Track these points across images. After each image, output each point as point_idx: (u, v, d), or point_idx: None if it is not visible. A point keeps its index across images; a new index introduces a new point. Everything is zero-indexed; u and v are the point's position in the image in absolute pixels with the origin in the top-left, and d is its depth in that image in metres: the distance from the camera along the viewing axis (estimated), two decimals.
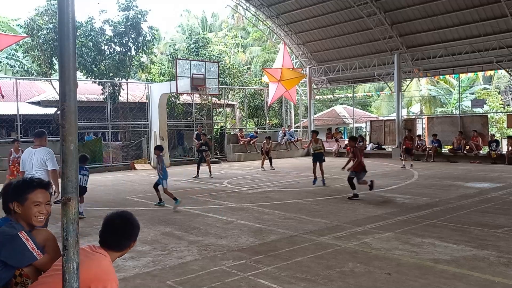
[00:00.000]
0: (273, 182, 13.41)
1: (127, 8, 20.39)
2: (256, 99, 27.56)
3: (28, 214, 2.75)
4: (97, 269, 2.51)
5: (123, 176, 15.97)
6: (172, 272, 5.21)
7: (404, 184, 12.26)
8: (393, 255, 5.66)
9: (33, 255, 2.64)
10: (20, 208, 2.74)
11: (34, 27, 19.15)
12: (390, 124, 22.58)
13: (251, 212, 8.71)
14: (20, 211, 2.74)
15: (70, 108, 2.09)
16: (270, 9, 23.41)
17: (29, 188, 2.79)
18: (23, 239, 2.63)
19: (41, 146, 6.52)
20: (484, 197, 9.87)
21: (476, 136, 18.91)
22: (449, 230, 6.89)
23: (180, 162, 20.08)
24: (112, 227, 2.70)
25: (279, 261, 5.48)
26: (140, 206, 9.62)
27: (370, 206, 9.11)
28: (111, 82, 20.38)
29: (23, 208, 2.74)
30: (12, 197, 2.76)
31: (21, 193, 2.77)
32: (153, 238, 6.83)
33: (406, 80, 22.69)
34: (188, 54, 26.13)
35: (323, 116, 32.96)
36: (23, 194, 2.76)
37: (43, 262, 2.69)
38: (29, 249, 2.63)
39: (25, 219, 2.78)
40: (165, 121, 19.50)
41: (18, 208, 2.74)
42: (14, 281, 2.66)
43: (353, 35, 22.55)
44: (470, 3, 18.21)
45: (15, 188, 2.81)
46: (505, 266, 5.17)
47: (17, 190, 2.79)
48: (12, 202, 2.74)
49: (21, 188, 2.80)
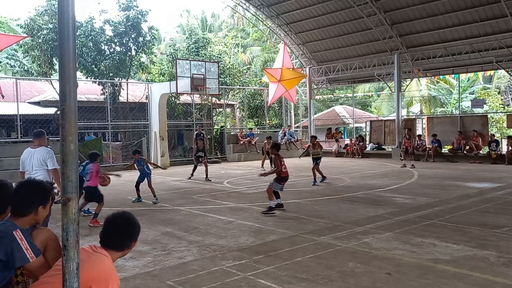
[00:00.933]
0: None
1: (128, 8, 20.39)
2: (256, 99, 27.56)
3: (44, 215, 2.84)
4: (98, 269, 2.52)
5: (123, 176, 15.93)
6: (172, 272, 5.21)
7: (404, 184, 12.25)
8: (393, 255, 5.66)
9: (26, 257, 2.61)
10: (42, 211, 2.78)
11: (34, 27, 19.14)
12: (390, 124, 22.58)
13: (251, 212, 8.71)
14: (41, 214, 2.78)
15: (70, 108, 2.09)
16: (270, 9, 23.41)
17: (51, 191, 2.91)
18: (17, 238, 2.61)
19: (40, 146, 6.52)
20: (484, 197, 9.87)
21: (476, 136, 18.91)
22: (449, 230, 6.89)
23: (180, 162, 20.07)
24: (112, 227, 2.71)
25: (279, 261, 5.48)
26: (140, 206, 9.62)
27: (370, 206, 9.11)
28: (111, 82, 20.38)
29: (44, 210, 2.80)
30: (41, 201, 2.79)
31: (47, 196, 2.84)
32: (153, 238, 6.83)
33: (406, 80, 22.69)
34: (188, 54, 26.13)
35: (323, 116, 32.96)
36: (49, 197, 2.84)
37: (33, 266, 2.64)
38: (22, 249, 2.60)
39: (37, 220, 2.81)
40: (165, 121, 19.50)
41: (41, 211, 2.78)
42: (16, 280, 2.66)
43: (353, 35, 22.55)
44: (470, 3, 18.21)
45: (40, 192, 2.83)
46: (505, 266, 5.17)
47: (44, 194, 2.82)
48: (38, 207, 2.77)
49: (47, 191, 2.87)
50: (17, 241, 2.60)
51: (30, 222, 2.80)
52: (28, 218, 2.75)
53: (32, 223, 2.83)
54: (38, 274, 2.62)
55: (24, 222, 2.75)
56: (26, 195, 2.78)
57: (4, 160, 14.62)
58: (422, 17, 19.82)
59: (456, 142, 19.43)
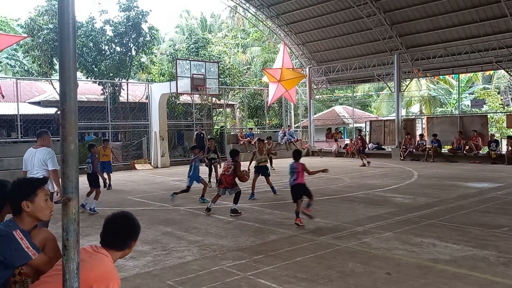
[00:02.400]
0: (273, 182, 13.39)
1: (128, 9, 20.40)
2: (256, 99, 27.56)
3: (39, 209, 2.79)
4: (99, 269, 2.52)
5: (124, 176, 15.97)
6: (172, 271, 5.21)
7: (404, 184, 12.26)
8: (393, 255, 5.66)
9: (28, 254, 2.63)
10: (30, 206, 2.76)
11: (35, 27, 19.15)
12: (390, 124, 22.58)
13: (251, 212, 8.72)
14: (30, 209, 2.76)
15: (70, 108, 2.09)
16: (270, 9, 23.40)
17: (36, 185, 2.84)
18: (17, 238, 2.63)
19: (42, 146, 6.55)
20: (484, 197, 9.87)
21: (476, 136, 18.91)
22: (449, 230, 6.89)
23: (180, 162, 20.08)
24: (112, 227, 2.72)
25: (279, 261, 5.49)
26: (140, 206, 9.63)
27: (370, 206, 9.11)
28: (112, 82, 20.39)
29: (33, 205, 2.77)
30: (22, 197, 2.76)
31: (30, 191, 2.79)
32: (153, 238, 6.83)
33: (406, 80, 22.69)
34: (188, 54, 26.14)
35: (323, 116, 32.98)
36: (32, 192, 2.80)
37: (38, 262, 2.68)
38: (23, 248, 2.62)
39: (35, 216, 2.80)
40: (165, 121, 19.50)
41: (28, 207, 2.76)
42: (13, 279, 2.66)
43: (353, 35, 22.55)
44: (470, 3, 18.20)
45: (21, 188, 2.82)
46: (505, 266, 5.17)
47: (25, 189, 2.81)
48: (22, 202, 2.76)
49: (28, 186, 2.83)
50: (17, 240, 2.62)
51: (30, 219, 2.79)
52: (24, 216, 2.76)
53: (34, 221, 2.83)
54: (45, 269, 2.63)
55: (25, 221, 2.76)
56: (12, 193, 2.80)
57: (4, 160, 14.62)
58: (422, 17, 19.82)
59: (456, 142, 19.43)
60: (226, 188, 8.61)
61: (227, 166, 8.67)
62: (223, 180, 8.64)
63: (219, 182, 9.00)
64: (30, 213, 2.76)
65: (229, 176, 8.54)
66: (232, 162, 8.63)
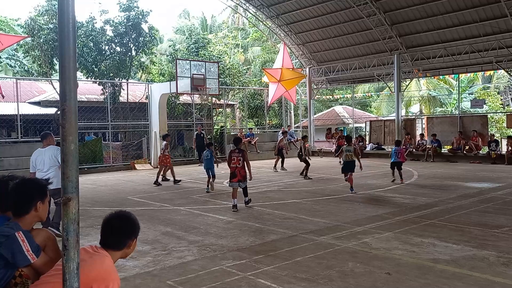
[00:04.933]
0: (273, 182, 13.42)
1: (128, 9, 20.40)
2: (256, 99, 27.55)
3: (45, 210, 2.87)
4: (99, 269, 2.52)
5: (124, 176, 15.98)
6: (172, 272, 5.21)
7: (404, 184, 12.26)
8: (392, 255, 5.66)
9: (27, 258, 2.63)
10: (41, 207, 2.80)
11: (35, 27, 19.14)
12: (389, 124, 22.59)
13: (251, 212, 8.72)
14: (40, 210, 2.80)
15: (70, 108, 2.09)
16: (270, 9, 23.40)
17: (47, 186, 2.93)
18: (19, 240, 2.63)
19: (48, 145, 7.15)
20: (484, 197, 9.87)
21: (476, 136, 18.91)
22: (449, 230, 6.89)
23: (180, 162, 20.08)
24: (110, 226, 2.72)
25: (279, 261, 5.49)
26: (140, 206, 9.63)
27: (370, 206, 9.11)
28: (112, 82, 20.38)
29: (43, 206, 2.82)
30: (38, 197, 2.82)
31: (44, 192, 2.87)
32: (153, 238, 6.83)
33: (406, 80, 22.69)
34: (188, 54, 26.15)
35: (323, 116, 32.97)
36: (45, 193, 2.87)
37: (39, 263, 2.68)
38: (23, 251, 2.62)
39: (40, 217, 2.84)
40: (165, 121, 19.49)
41: (39, 207, 2.80)
42: (14, 281, 2.66)
43: (353, 35, 22.55)
44: (470, 3, 18.20)
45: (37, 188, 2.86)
46: (505, 266, 5.18)
47: (41, 190, 2.85)
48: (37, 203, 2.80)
49: (43, 187, 2.89)
50: (19, 242, 2.62)
51: (33, 220, 2.81)
52: (30, 216, 2.77)
53: (36, 221, 2.85)
54: (46, 269, 2.64)
55: (27, 221, 2.77)
56: (24, 192, 2.80)
57: (4, 160, 14.62)
58: (422, 17, 19.81)
59: (456, 142, 19.43)
60: (240, 181, 8.95)
61: (236, 159, 8.92)
62: (237, 173, 8.94)
63: (232, 175, 9.08)
64: (38, 214, 2.79)
65: (241, 168, 8.93)
66: (239, 154, 8.92)
